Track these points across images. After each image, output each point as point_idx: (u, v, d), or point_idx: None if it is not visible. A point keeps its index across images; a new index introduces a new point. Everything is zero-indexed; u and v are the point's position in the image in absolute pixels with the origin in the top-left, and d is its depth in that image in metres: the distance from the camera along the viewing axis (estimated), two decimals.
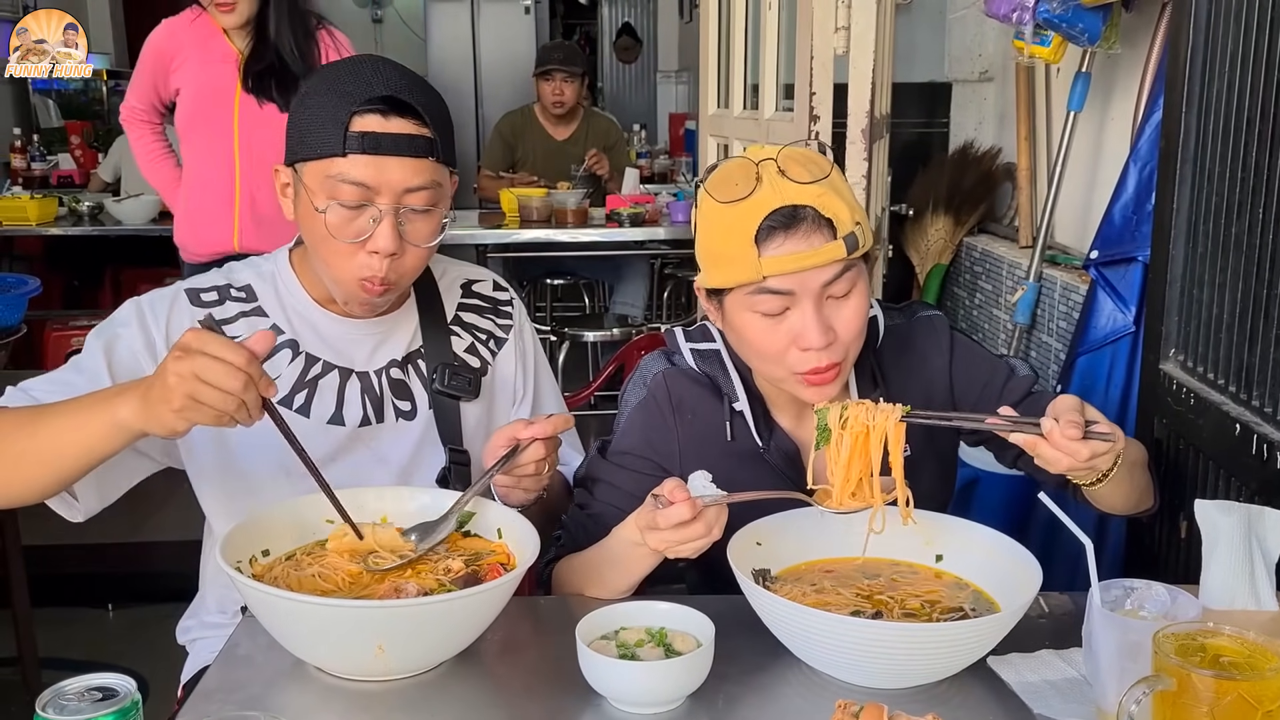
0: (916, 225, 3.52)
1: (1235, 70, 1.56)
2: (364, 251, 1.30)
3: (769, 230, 1.22)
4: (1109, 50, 2.40)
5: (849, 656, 1.10)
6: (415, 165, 1.29)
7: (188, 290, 1.41)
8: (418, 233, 1.32)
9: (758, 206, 1.22)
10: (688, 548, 1.18)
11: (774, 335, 1.26)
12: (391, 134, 1.27)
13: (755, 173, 1.24)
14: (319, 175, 1.29)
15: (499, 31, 9.09)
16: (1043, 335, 2.77)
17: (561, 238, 4.19)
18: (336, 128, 1.27)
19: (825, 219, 1.22)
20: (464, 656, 1.17)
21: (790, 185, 1.22)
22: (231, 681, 1.14)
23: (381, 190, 1.28)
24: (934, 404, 1.40)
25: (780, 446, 1.38)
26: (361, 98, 1.27)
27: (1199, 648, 0.98)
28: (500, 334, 1.54)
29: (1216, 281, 1.60)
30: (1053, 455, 1.15)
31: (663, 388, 1.40)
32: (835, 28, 2.24)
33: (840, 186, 1.26)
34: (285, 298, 1.42)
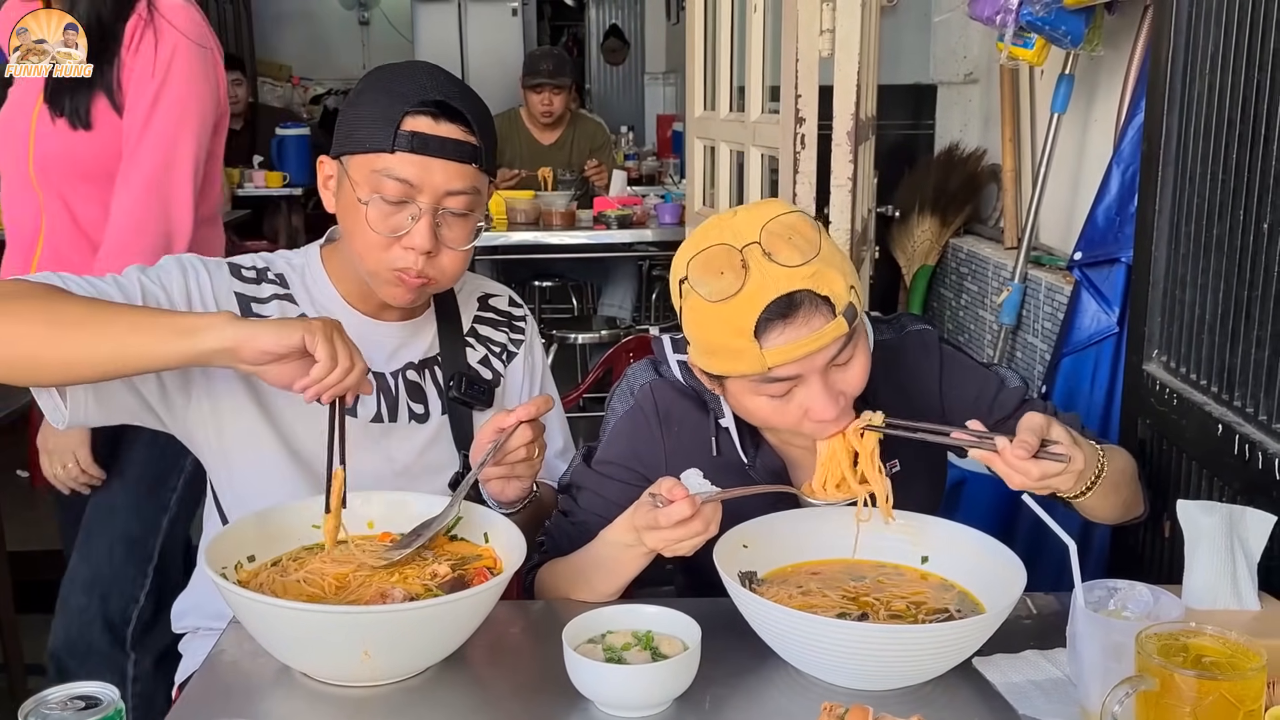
0: (903, 227, 3.53)
1: (1216, 72, 1.57)
2: (399, 246, 1.33)
3: (766, 323, 1.17)
4: (1092, 52, 2.42)
5: (835, 658, 1.11)
6: (459, 170, 1.33)
7: (230, 264, 1.43)
8: (454, 236, 1.35)
9: (751, 301, 1.17)
10: (685, 545, 1.19)
11: (785, 412, 1.25)
12: (440, 137, 1.32)
13: (740, 260, 1.17)
14: (365, 169, 1.32)
15: (486, 33, 9.08)
16: (1028, 336, 2.78)
17: (549, 240, 4.19)
18: (388, 125, 1.31)
19: (822, 298, 1.18)
20: (450, 661, 1.17)
21: (780, 271, 1.16)
22: (218, 688, 1.14)
23: (424, 189, 1.32)
24: (924, 417, 1.37)
25: (767, 463, 1.37)
26: (415, 99, 1.31)
27: (1181, 648, 0.98)
28: (512, 348, 1.58)
29: (1199, 283, 1.61)
30: (1005, 472, 1.17)
31: (650, 399, 1.40)
32: (820, 30, 2.25)
33: (831, 256, 1.20)
34: (314, 292, 1.45)
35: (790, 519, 1.31)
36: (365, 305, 1.45)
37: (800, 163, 2.31)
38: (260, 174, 5.72)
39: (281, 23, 9.77)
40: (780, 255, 1.17)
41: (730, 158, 2.95)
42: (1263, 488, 1.39)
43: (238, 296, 1.40)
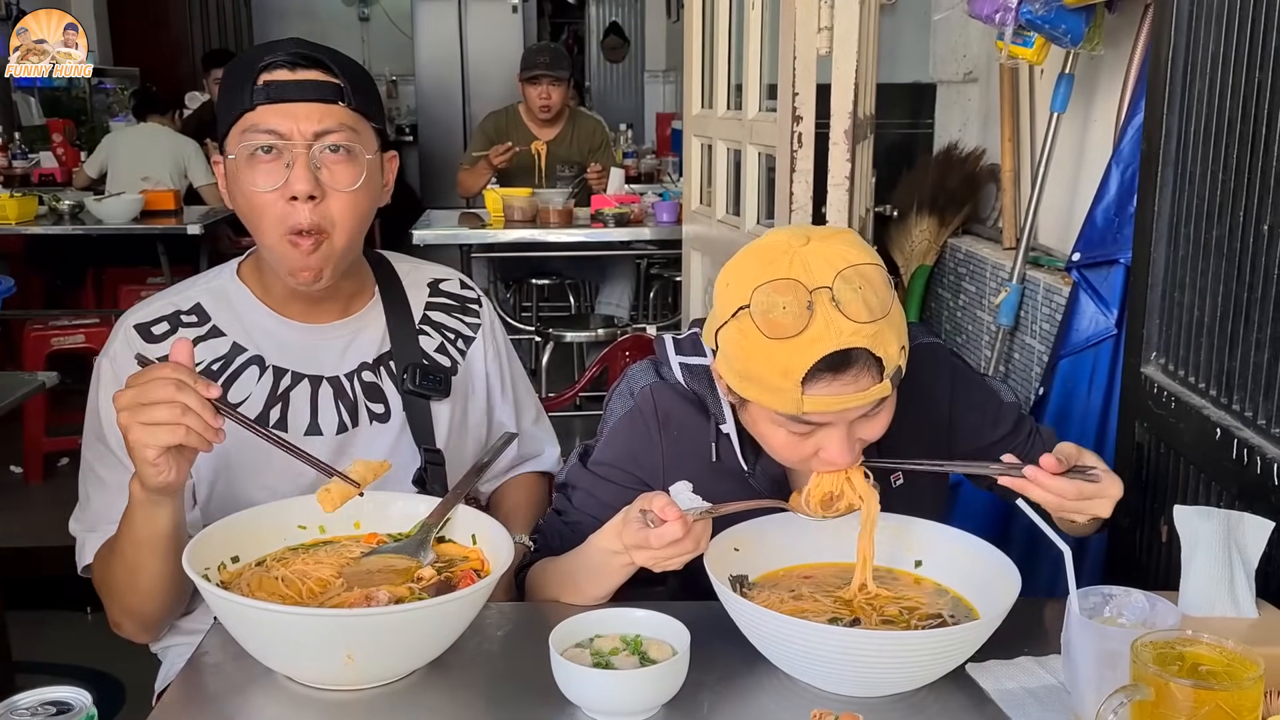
0: (901, 227, 3.51)
1: (1216, 72, 1.55)
2: (284, 202, 1.29)
3: (816, 373, 1.13)
4: (1092, 52, 2.40)
5: (826, 665, 1.09)
6: (324, 109, 1.30)
7: (136, 326, 1.38)
8: (337, 177, 1.30)
9: (808, 349, 1.11)
10: (676, 562, 1.17)
11: (799, 448, 1.22)
12: (298, 80, 1.29)
13: (808, 301, 1.11)
14: (236, 136, 1.30)
15: (486, 30, 9.07)
16: (1025, 337, 2.76)
17: (546, 238, 4.17)
18: (246, 85, 1.29)
19: (876, 358, 1.14)
20: (436, 665, 1.15)
21: (846, 324, 1.11)
22: (199, 691, 1.12)
23: (292, 135, 1.28)
24: (930, 433, 1.38)
25: (767, 471, 1.35)
26: (268, 56, 1.30)
27: (1177, 656, 0.97)
28: (469, 332, 1.55)
29: (1198, 285, 1.59)
30: (1041, 496, 1.19)
31: (650, 402, 1.36)
32: (818, 28, 2.23)
33: (897, 319, 1.16)
34: (240, 311, 1.40)
35: (782, 523, 1.30)
36: (297, 312, 1.41)
37: (797, 161, 2.30)
38: None
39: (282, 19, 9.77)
40: (849, 308, 1.11)
41: (727, 156, 2.94)
42: (1261, 493, 1.38)
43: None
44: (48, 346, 4.10)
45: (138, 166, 5.14)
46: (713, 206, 3.05)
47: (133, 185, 4.99)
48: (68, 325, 4.23)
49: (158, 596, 1.28)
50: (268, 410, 1.38)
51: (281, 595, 1.15)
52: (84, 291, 5.38)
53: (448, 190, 5.48)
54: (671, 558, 1.16)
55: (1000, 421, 1.44)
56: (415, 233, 4.01)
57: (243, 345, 1.39)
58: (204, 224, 4.61)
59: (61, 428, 4.02)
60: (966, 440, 1.43)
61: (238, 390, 1.37)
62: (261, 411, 1.37)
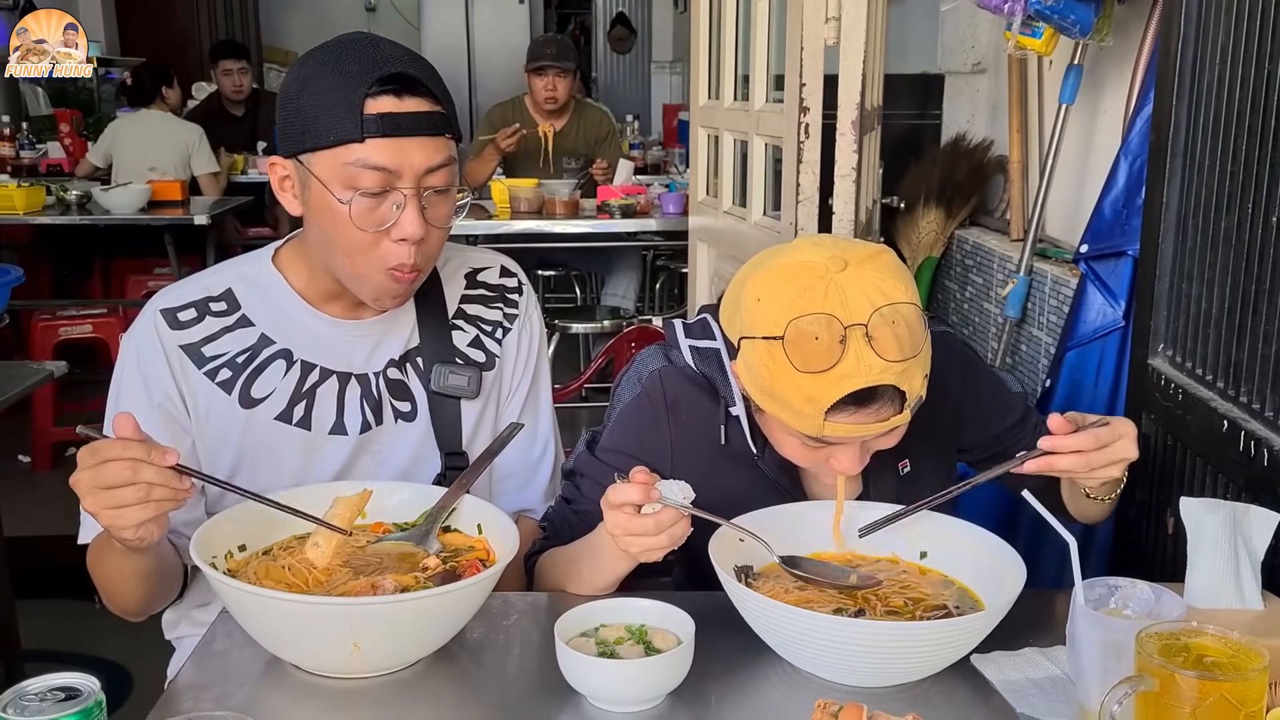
0: (908, 218, 3.50)
1: (1226, 64, 1.54)
2: (388, 240, 1.25)
3: (841, 405, 1.15)
4: (1101, 42, 2.39)
5: (831, 655, 1.09)
6: (434, 144, 1.24)
7: (163, 311, 1.35)
8: (438, 214, 1.27)
9: (837, 383, 1.13)
10: (637, 543, 1.16)
11: (810, 456, 1.25)
12: (409, 113, 1.22)
13: (842, 335, 1.12)
14: (334, 164, 1.22)
15: (493, 21, 9.06)
16: (1033, 329, 2.76)
17: (552, 229, 4.17)
18: (350, 111, 1.20)
19: (900, 392, 1.16)
20: (441, 654, 1.15)
21: (877, 362, 1.12)
22: (206, 678, 1.13)
23: (404, 173, 1.23)
24: (939, 422, 1.38)
25: (775, 456, 1.34)
26: (371, 77, 1.21)
27: (1182, 648, 0.97)
28: (506, 323, 1.48)
29: (1206, 277, 1.59)
30: (1066, 461, 1.17)
31: (658, 387, 1.36)
32: (826, 18, 2.22)
33: (925, 355, 1.18)
34: (272, 301, 1.37)
35: (788, 513, 1.30)
36: (333, 307, 1.37)
37: (804, 152, 2.29)
38: (264, 160, 5.70)
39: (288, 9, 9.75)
40: (882, 346, 1.12)
41: (734, 147, 2.93)
42: (1268, 485, 1.38)
43: (185, 352, 1.34)
44: (56, 336, 4.12)
45: (142, 155, 5.15)
46: (719, 198, 3.05)
47: (138, 174, 5.00)
48: (75, 315, 4.25)
49: (142, 602, 1.32)
50: (292, 406, 1.35)
51: (288, 583, 1.15)
52: (91, 281, 5.39)
53: None
54: (628, 534, 1.15)
55: (1010, 411, 1.45)
56: None
57: (271, 337, 1.36)
58: (211, 214, 4.61)
59: (70, 417, 4.03)
60: (975, 429, 1.44)
61: (263, 384, 1.35)
62: (286, 407, 1.35)
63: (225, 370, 1.34)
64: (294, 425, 1.36)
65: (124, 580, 1.27)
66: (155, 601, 1.35)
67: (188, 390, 1.34)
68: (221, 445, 1.35)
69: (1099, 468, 1.19)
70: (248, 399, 1.35)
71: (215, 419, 1.35)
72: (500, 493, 1.48)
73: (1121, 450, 1.19)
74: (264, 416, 1.35)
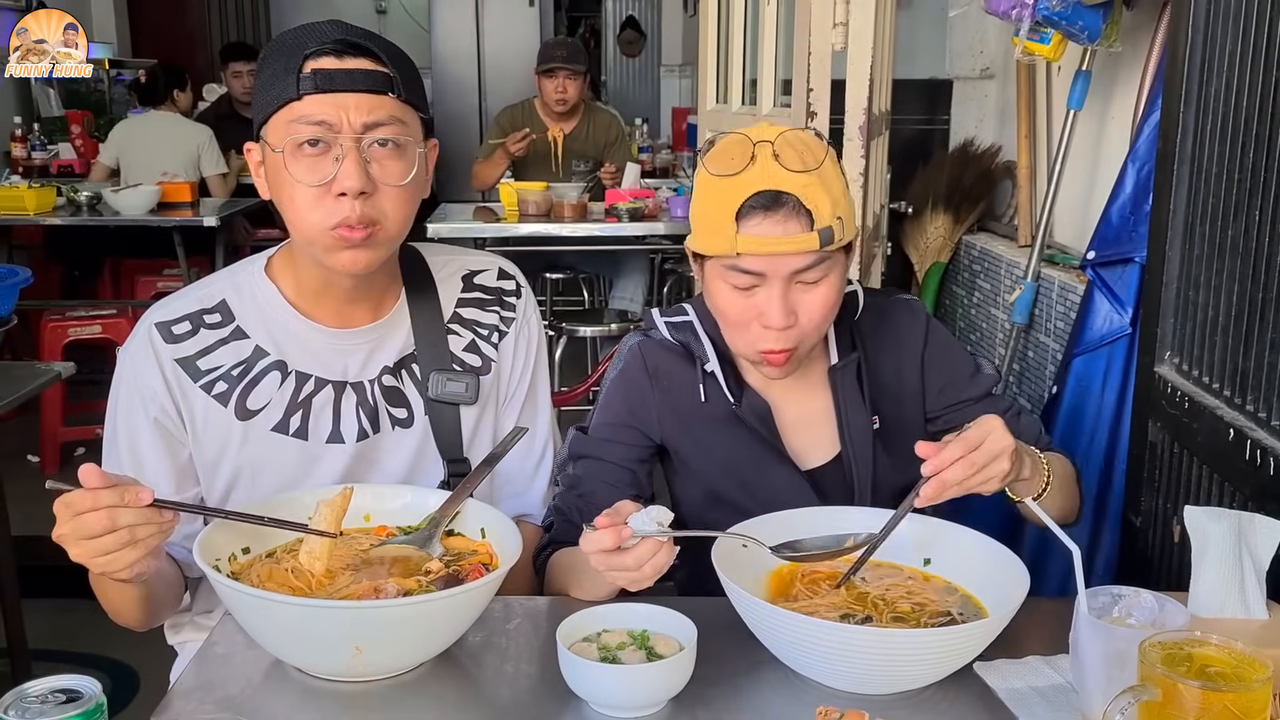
0: (916, 223, 3.50)
1: (1234, 70, 1.54)
2: (332, 198, 1.24)
3: (749, 209, 1.25)
4: (1109, 48, 2.38)
5: (832, 662, 1.09)
6: (375, 100, 1.25)
7: (158, 325, 1.35)
8: (387, 171, 1.26)
9: (744, 185, 1.26)
10: (623, 578, 1.14)
11: (741, 307, 1.30)
12: (346, 70, 1.24)
13: (751, 152, 1.27)
14: (279, 127, 1.25)
15: (503, 24, 9.07)
16: (1040, 335, 2.75)
17: (560, 232, 4.17)
18: (290, 74, 1.23)
19: (806, 209, 1.25)
20: (444, 658, 1.15)
21: (779, 170, 1.25)
22: (209, 681, 1.13)
23: (341, 127, 1.23)
24: (904, 379, 1.46)
25: (752, 405, 1.41)
26: (315, 42, 1.25)
27: (1186, 657, 0.96)
28: (503, 326, 1.47)
29: (1212, 284, 1.58)
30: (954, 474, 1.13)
31: (638, 357, 1.44)
32: (833, 23, 2.22)
33: (830, 179, 1.28)
34: (266, 311, 1.37)
35: (791, 518, 1.29)
36: (327, 315, 1.36)
37: None
38: None
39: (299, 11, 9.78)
40: (785, 158, 1.26)
41: None
42: (1273, 494, 1.37)
43: (180, 366, 1.34)
44: (65, 337, 4.13)
45: (152, 157, 5.16)
46: None
47: (148, 176, 5.02)
48: (85, 316, 4.26)
49: (145, 618, 1.33)
50: (289, 416, 1.36)
51: (291, 586, 1.15)
52: (101, 282, 5.41)
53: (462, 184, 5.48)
54: (609, 570, 1.13)
55: (975, 384, 1.47)
56: (430, 226, 4.01)
57: (265, 349, 1.36)
58: (220, 216, 4.63)
59: (78, 417, 4.05)
60: (940, 394, 1.47)
61: (258, 395, 1.35)
62: (282, 418, 1.36)
63: (221, 383, 1.35)
64: (291, 436, 1.36)
65: (124, 603, 1.28)
66: (158, 617, 1.37)
67: (184, 404, 1.34)
68: (219, 457, 1.36)
69: (984, 466, 1.15)
70: (244, 411, 1.35)
71: (212, 431, 1.35)
72: (499, 498, 1.48)
73: (997, 441, 1.15)
74: (261, 428, 1.35)
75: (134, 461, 1.34)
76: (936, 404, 1.47)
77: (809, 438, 1.44)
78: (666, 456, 1.47)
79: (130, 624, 1.34)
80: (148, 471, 1.34)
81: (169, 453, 1.35)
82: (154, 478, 1.33)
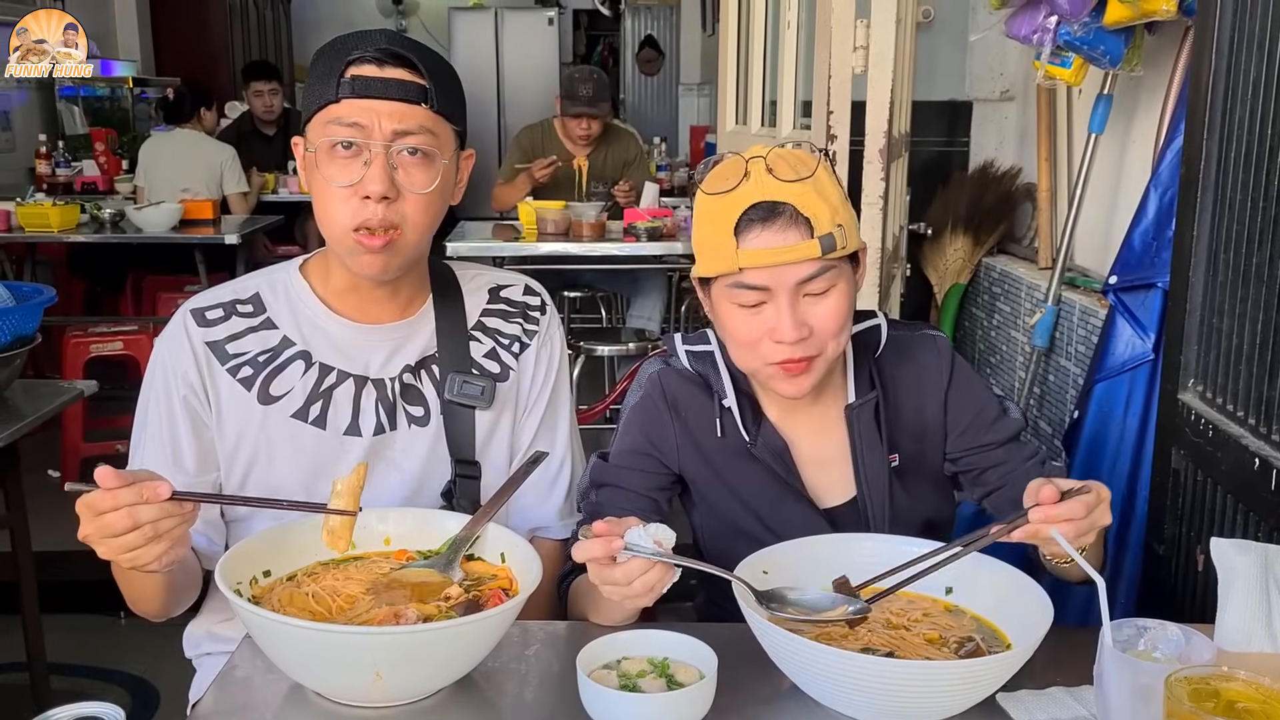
0: (935, 245, 3.49)
1: (1259, 97, 1.53)
2: (357, 199, 1.29)
3: (747, 223, 1.26)
4: (1131, 73, 2.38)
5: (855, 693, 1.08)
6: (407, 110, 1.30)
7: (193, 311, 1.41)
8: (413, 178, 1.31)
9: (740, 199, 1.27)
10: (615, 593, 1.14)
11: (750, 326, 1.30)
12: (383, 78, 1.29)
13: (744, 169, 1.28)
14: (318, 126, 1.31)
15: (522, 42, 9.13)
16: (1061, 359, 2.74)
17: (578, 251, 4.18)
18: (332, 77, 1.29)
19: (804, 217, 1.26)
20: (463, 683, 1.15)
21: (773, 182, 1.27)
22: (229, 704, 1.13)
23: (372, 132, 1.28)
24: (926, 418, 1.44)
25: (769, 443, 1.40)
26: (358, 49, 1.30)
27: (1213, 693, 0.95)
28: (525, 339, 1.51)
29: (1237, 311, 1.57)
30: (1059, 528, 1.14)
31: (657, 385, 1.44)
32: (854, 47, 2.23)
33: (826, 187, 1.29)
34: (296, 305, 1.42)
35: (812, 545, 1.29)
36: (354, 311, 1.41)
37: None
38: (294, 180, 5.78)
39: (320, 29, 9.88)
40: (778, 170, 1.27)
41: None
42: None
43: (210, 349, 1.38)
44: (87, 353, 4.16)
45: (175, 175, 5.21)
46: None
47: (171, 193, 5.06)
48: (106, 332, 4.29)
49: (166, 606, 1.35)
50: (309, 405, 1.39)
51: (312, 611, 1.15)
52: (123, 298, 5.45)
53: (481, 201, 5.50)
54: (603, 583, 1.14)
55: (999, 428, 1.44)
56: (449, 244, 4.03)
57: (292, 339, 1.40)
58: (241, 234, 4.66)
59: (99, 433, 4.07)
60: (962, 436, 1.45)
61: (281, 383, 1.39)
62: (303, 405, 1.39)
63: (247, 368, 1.39)
64: (309, 424, 1.39)
65: (147, 592, 1.31)
66: (179, 606, 1.39)
67: (211, 385, 1.39)
68: (240, 439, 1.39)
69: (1084, 534, 1.16)
70: (266, 396, 1.39)
71: (234, 413, 1.39)
72: (516, 510, 1.50)
73: (1102, 517, 1.17)
74: (281, 413, 1.39)
75: (170, 442, 1.38)
76: (957, 445, 1.45)
77: (826, 477, 1.43)
78: (685, 486, 1.46)
79: (150, 614, 1.36)
80: (183, 451, 1.37)
81: (195, 433, 1.39)
82: (186, 459, 1.37)
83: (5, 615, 2.55)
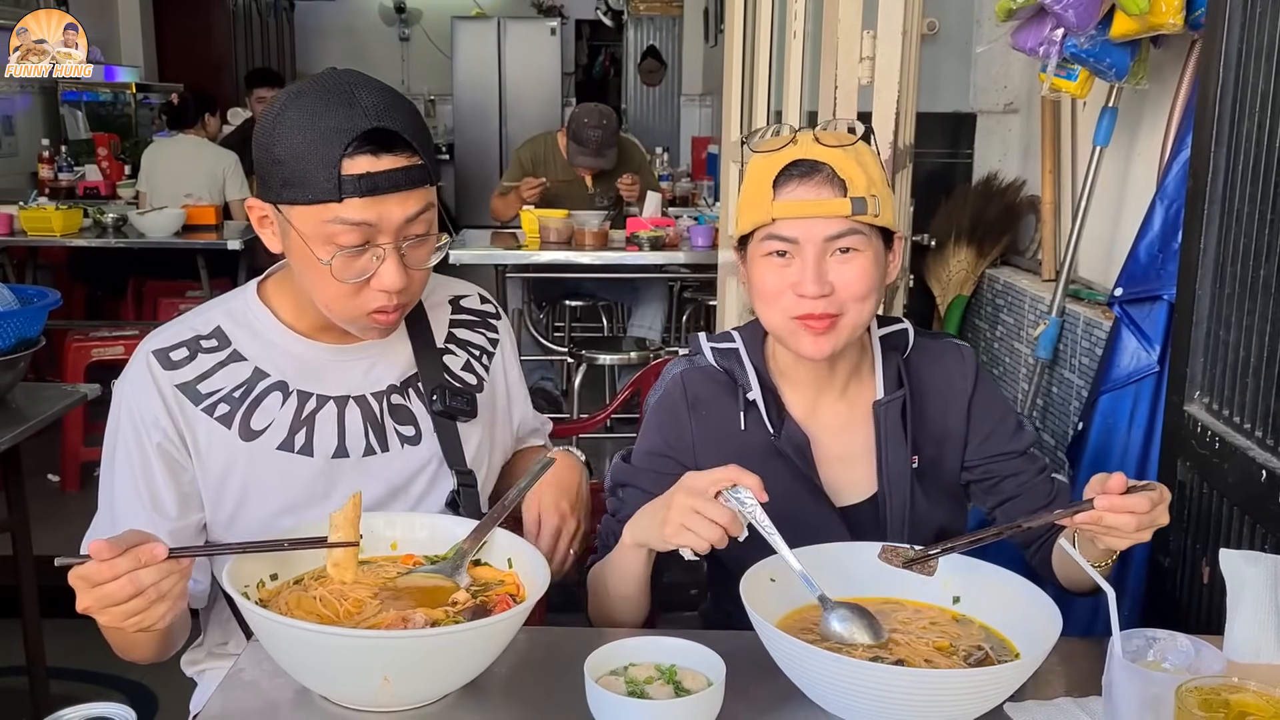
0: (938, 256, 3.50)
1: (1266, 110, 1.54)
2: (369, 289, 1.28)
3: (786, 177, 1.31)
4: (1137, 86, 2.38)
5: (863, 701, 1.08)
6: (413, 196, 1.26)
7: (155, 353, 1.36)
8: (418, 258, 1.31)
9: (784, 157, 1.32)
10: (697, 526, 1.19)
11: (777, 278, 1.33)
12: (386, 171, 1.23)
13: (793, 136, 1.34)
14: (313, 220, 1.24)
15: (525, 51, 9.15)
16: (1064, 371, 2.74)
17: (581, 259, 4.19)
18: (328, 171, 1.21)
19: (840, 179, 1.30)
20: (470, 688, 1.15)
21: (817, 146, 1.32)
22: (235, 708, 1.13)
23: (383, 228, 1.25)
24: (949, 423, 1.46)
25: (791, 437, 1.41)
26: (349, 135, 1.21)
27: (1223, 703, 0.95)
28: (490, 348, 1.55)
29: (1244, 324, 1.57)
30: (1120, 520, 1.16)
31: (679, 385, 1.46)
32: (860, 58, 2.23)
33: (867, 159, 1.33)
34: (261, 333, 1.38)
35: (819, 554, 1.29)
36: (322, 334, 1.39)
37: None
38: None
39: (323, 37, 9.90)
40: (824, 138, 1.33)
41: None
42: None
43: (180, 391, 1.35)
44: (88, 357, 4.16)
45: (177, 180, 5.22)
46: None
47: (173, 199, 5.07)
48: (108, 336, 4.29)
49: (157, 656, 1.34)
50: (293, 435, 1.37)
51: (319, 615, 1.15)
52: (124, 303, 5.45)
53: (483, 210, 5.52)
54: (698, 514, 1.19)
55: (1016, 439, 1.47)
56: (451, 253, 4.04)
57: (264, 370, 1.38)
58: (244, 239, 4.67)
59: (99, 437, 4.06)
60: (982, 444, 1.47)
61: (261, 416, 1.36)
62: (287, 436, 1.37)
63: (223, 405, 1.36)
64: (296, 453, 1.37)
65: (139, 643, 1.28)
66: (173, 649, 1.36)
67: (186, 427, 1.35)
68: (225, 477, 1.36)
69: (1143, 529, 1.19)
70: (248, 431, 1.36)
71: (216, 453, 1.35)
72: None
73: (1161, 515, 1.19)
74: (265, 447, 1.36)
75: (147, 489, 1.34)
76: (976, 453, 1.47)
77: (847, 475, 1.44)
78: None
79: (141, 661, 1.34)
80: (162, 497, 1.34)
81: (173, 478, 1.35)
82: (166, 504, 1.34)
83: (5, 619, 2.54)
